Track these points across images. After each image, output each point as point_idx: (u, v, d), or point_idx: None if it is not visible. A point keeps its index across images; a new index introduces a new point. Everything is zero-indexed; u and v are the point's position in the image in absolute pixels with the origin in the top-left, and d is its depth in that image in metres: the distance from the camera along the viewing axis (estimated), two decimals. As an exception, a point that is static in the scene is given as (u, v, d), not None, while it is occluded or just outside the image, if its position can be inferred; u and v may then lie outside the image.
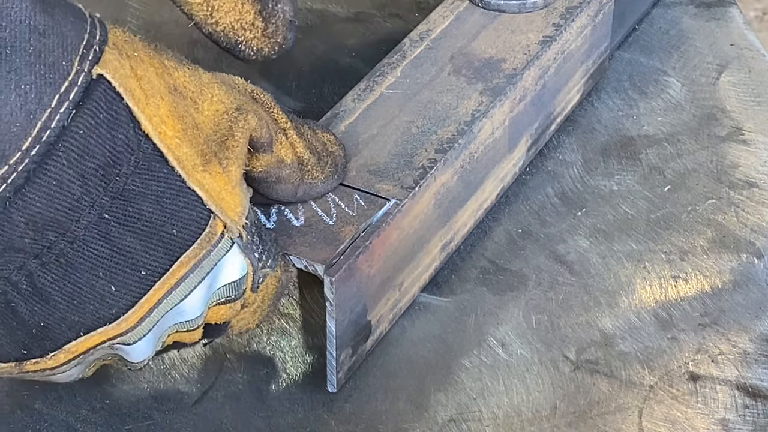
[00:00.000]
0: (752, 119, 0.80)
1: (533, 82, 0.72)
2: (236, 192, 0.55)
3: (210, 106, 0.54)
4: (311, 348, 0.66)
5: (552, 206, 0.74)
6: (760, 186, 0.75)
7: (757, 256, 0.70)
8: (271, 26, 0.60)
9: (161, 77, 0.53)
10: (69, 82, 0.49)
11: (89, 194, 0.50)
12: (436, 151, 0.66)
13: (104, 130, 0.50)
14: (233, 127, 0.55)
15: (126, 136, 0.50)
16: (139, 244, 0.52)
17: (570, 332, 0.66)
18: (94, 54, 0.50)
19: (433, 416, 0.62)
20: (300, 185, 0.61)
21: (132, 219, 0.51)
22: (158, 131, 0.51)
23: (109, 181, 0.50)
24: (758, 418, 0.62)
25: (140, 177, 0.51)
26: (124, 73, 0.50)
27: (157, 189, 0.52)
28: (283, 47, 0.62)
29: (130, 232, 0.52)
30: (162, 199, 0.52)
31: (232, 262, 0.56)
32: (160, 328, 0.55)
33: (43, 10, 0.49)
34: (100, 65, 0.50)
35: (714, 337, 0.66)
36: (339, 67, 0.85)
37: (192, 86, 0.54)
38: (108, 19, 0.52)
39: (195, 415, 0.63)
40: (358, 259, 0.59)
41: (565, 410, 0.62)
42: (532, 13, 0.75)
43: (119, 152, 0.50)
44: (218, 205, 0.54)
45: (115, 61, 0.50)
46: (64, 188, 0.49)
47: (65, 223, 0.50)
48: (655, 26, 0.88)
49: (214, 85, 0.55)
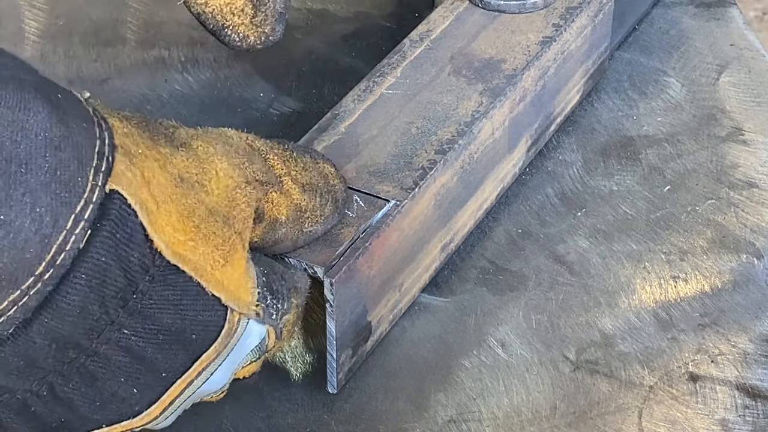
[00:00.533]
0: (752, 119, 0.80)
1: (533, 83, 0.72)
2: (249, 271, 0.53)
3: (218, 184, 0.52)
4: (311, 348, 0.66)
5: (552, 206, 0.74)
6: (760, 186, 0.75)
7: (756, 257, 0.70)
8: (260, 14, 0.60)
9: (164, 170, 0.50)
10: (84, 201, 0.46)
11: (108, 315, 0.48)
12: (436, 152, 0.66)
13: (122, 251, 0.48)
14: (247, 200, 0.53)
15: (141, 254, 0.48)
16: (159, 352, 0.51)
17: (570, 332, 0.67)
18: (107, 164, 0.47)
19: (433, 416, 0.62)
20: (300, 237, 0.59)
21: (151, 332, 0.50)
22: (172, 242, 0.49)
23: (127, 301, 0.49)
24: (758, 419, 0.62)
25: (156, 291, 0.50)
26: (137, 185, 0.48)
27: (174, 299, 0.50)
28: (270, 38, 0.61)
29: (151, 344, 0.51)
30: (179, 308, 0.51)
31: (251, 334, 0.55)
32: (184, 407, 0.56)
33: (60, 120, 0.46)
34: (113, 178, 0.47)
35: (714, 337, 0.66)
36: (339, 67, 0.85)
37: (193, 168, 0.52)
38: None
39: (195, 415, 0.62)
40: (358, 261, 0.59)
41: (565, 410, 0.62)
42: (532, 13, 0.75)
43: (135, 272, 0.49)
44: (235, 297, 0.53)
45: (127, 171, 0.48)
46: (83, 311, 0.47)
47: (85, 342, 0.49)
48: (655, 26, 0.88)
49: (214, 158, 0.53)
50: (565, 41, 0.75)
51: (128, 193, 0.47)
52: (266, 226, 0.56)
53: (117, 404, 0.51)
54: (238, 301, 0.53)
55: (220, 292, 0.52)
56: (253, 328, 0.55)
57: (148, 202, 0.48)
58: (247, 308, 0.54)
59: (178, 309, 0.51)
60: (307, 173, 0.59)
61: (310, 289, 0.60)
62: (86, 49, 0.88)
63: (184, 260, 0.50)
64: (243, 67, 0.85)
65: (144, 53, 0.87)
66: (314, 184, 0.59)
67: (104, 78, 0.85)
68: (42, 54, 0.87)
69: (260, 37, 0.60)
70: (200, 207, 0.51)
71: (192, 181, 0.51)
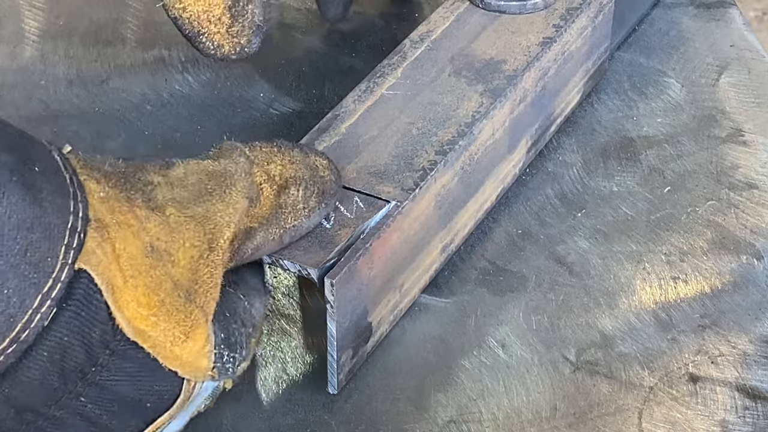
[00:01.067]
0: (752, 120, 0.80)
1: (533, 84, 0.72)
2: (209, 338, 0.53)
3: (184, 255, 0.52)
4: (311, 349, 0.66)
5: (552, 207, 0.74)
6: (760, 187, 0.75)
7: (756, 258, 0.70)
8: (237, 25, 0.59)
9: (138, 237, 0.50)
10: (53, 280, 0.47)
11: (67, 386, 0.49)
12: (437, 153, 0.66)
13: (85, 328, 0.49)
14: (212, 272, 0.53)
15: (103, 331, 0.49)
16: (114, 419, 0.52)
17: (570, 333, 0.67)
18: (78, 240, 0.47)
19: (434, 417, 0.62)
20: (283, 235, 0.58)
21: (107, 401, 0.51)
22: (135, 317, 0.50)
23: (86, 374, 0.50)
24: (758, 420, 0.62)
25: (115, 364, 0.50)
26: (106, 262, 0.49)
27: (131, 371, 0.51)
28: (245, 49, 0.61)
29: (106, 412, 0.52)
30: (136, 379, 0.52)
31: (207, 390, 0.56)
32: None
33: (33, 201, 0.46)
34: (82, 256, 0.47)
35: (714, 338, 0.66)
36: (339, 67, 0.85)
37: (163, 236, 0.51)
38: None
39: (195, 415, 0.62)
40: (358, 262, 0.59)
41: (565, 411, 0.62)
42: (532, 14, 0.75)
43: (96, 347, 0.49)
44: (194, 368, 0.53)
45: (97, 249, 0.48)
46: (43, 383, 0.48)
47: (44, 409, 0.50)
48: (655, 27, 0.88)
49: (183, 225, 0.52)
50: (566, 42, 0.75)
51: (96, 272, 0.48)
52: (239, 240, 0.55)
53: None
54: (195, 372, 0.53)
55: (178, 366, 0.52)
56: (208, 385, 0.56)
57: (115, 279, 0.49)
58: (203, 375, 0.54)
59: (135, 381, 0.52)
60: (293, 165, 0.58)
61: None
62: (86, 49, 0.88)
63: (144, 337, 0.50)
64: (243, 67, 0.85)
65: (144, 53, 0.87)
66: (298, 176, 0.58)
67: (104, 78, 0.85)
68: (42, 54, 0.87)
69: (235, 48, 0.60)
70: (167, 280, 0.51)
71: (161, 250, 0.51)
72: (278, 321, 0.67)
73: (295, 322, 0.67)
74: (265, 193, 0.57)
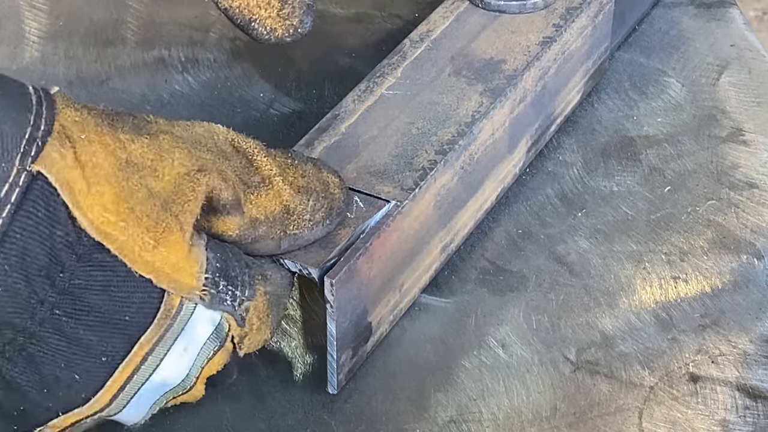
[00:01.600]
0: (752, 120, 0.80)
1: (533, 83, 0.72)
2: (193, 254, 0.54)
3: (171, 171, 0.53)
4: (311, 349, 0.66)
5: (552, 207, 0.74)
6: (760, 187, 0.75)
7: (757, 257, 0.70)
8: (287, 7, 0.60)
9: (113, 154, 0.52)
10: (9, 185, 0.48)
11: (36, 294, 0.50)
12: (437, 153, 0.66)
13: (44, 228, 0.50)
14: (194, 187, 0.54)
15: (65, 233, 0.50)
16: (93, 335, 0.52)
17: (570, 333, 0.67)
18: (36, 149, 0.49)
19: (434, 417, 0.62)
20: (283, 239, 0.58)
21: (82, 312, 0.52)
22: (99, 220, 0.51)
23: (53, 279, 0.50)
24: (758, 419, 0.62)
25: (84, 270, 0.51)
26: (63, 165, 0.50)
27: (102, 279, 0.52)
28: (298, 31, 0.61)
29: (82, 325, 0.52)
30: (109, 289, 0.52)
31: (201, 320, 0.56)
32: (145, 398, 0.56)
33: None
34: (38, 161, 0.49)
35: (714, 338, 0.66)
36: (339, 67, 0.85)
37: (151, 155, 0.53)
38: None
39: (195, 415, 0.63)
40: (358, 261, 0.59)
41: (566, 411, 0.62)
42: (532, 13, 0.75)
43: (59, 249, 0.50)
44: (172, 280, 0.53)
45: (55, 153, 0.50)
46: (10, 291, 0.49)
47: (19, 322, 0.50)
48: (655, 27, 0.88)
49: (175, 149, 0.54)
50: (566, 42, 0.75)
51: (51, 172, 0.49)
52: (243, 221, 0.56)
53: (63, 391, 0.53)
54: (176, 284, 0.53)
55: (150, 273, 0.52)
56: (203, 314, 0.55)
57: (77, 182, 0.50)
58: (188, 291, 0.54)
59: (107, 289, 0.52)
60: (305, 178, 0.59)
61: (294, 285, 0.60)
62: (86, 49, 0.88)
63: (110, 239, 0.51)
64: (243, 67, 0.85)
65: (144, 54, 0.87)
66: (310, 188, 0.59)
67: (104, 78, 0.85)
68: (42, 55, 0.87)
69: (288, 30, 0.60)
70: (141, 190, 0.52)
71: (144, 165, 0.52)
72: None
73: (295, 322, 0.68)
74: (275, 186, 0.58)
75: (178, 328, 0.55)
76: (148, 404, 0.57)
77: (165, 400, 0.58)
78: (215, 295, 0.55)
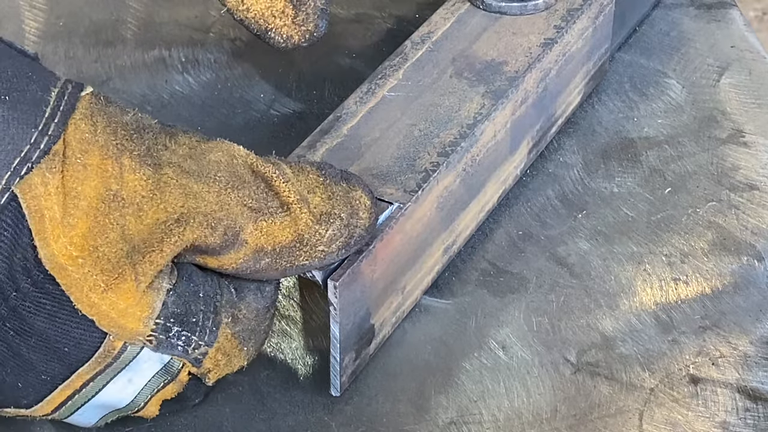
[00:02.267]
0: (753, 121, 0.80)
1: (535, 85, 0.72)
2: (145, 299, 0.53)
3: (154, 214, 0.52)
4: (312, 350, 0.66)
5: (553, 208, 0.74)
6: (761, 188, 0.75)
7: (757, 259, 0.70)
8: (301, 14, 0.60)
9: (104, 184, 0.51)
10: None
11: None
12: (439, 154, 0.66)
13: (5, 249, 0.50)
14: (164, 240, 0.53)
15: (24, 257, 0.51)
16: (35, 355, 0.53)
17: (570, 334, 0.67)
18: (26, 170, 0.50)
19: (434, 418, 0.62)
20: (288, 269, 0.57)
21: (26, 334, 0.53)
22: (62, 253, 0.51)
23: (7, 296, 0.51)
24: (759, 421, 0.62)
25: (35, 297, 0.52)
26: (41, 192, 0.50)
27: (50, 309, 0.52)
28: (314, 35, 0.62)
29: (25, 344, 0.53)
30: (55, 318, 0.52)
31: (148, 359, 0.56)
32: (90, 413, 0.57)
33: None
34: (20, 183, 0.50)
35: (714, 339, 0.66)
36: (340, 68, 0.85)
37: (144, 191, 0.52)
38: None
39: (195, 417, 0.63)
40: (361, 264, 0.59)
41: (566, 413, 0.62)
42: (533, 15, 0.75)
43: (16, 272, 0.51)
44: (116, 325, 0.53)
45: (38, 178, 0.50)
46: None
47: None
48: (656, 28, 0.88)
49: (173, 187, 0.53)
50: (566, 43, 0.75)
51: (25, 197, 0.50)
52: (243, 256, 0.55)
53: (9, 392, 0.54)
54: (119, 329, 0.53)
55: (94, 315, 0.53)
56: (150, 355, 0.56)
57: (51, 210, 0.50)
58: (131, 337, 0.54)
59: (53, 319, 0.52)
60: (330, 201, 0.57)
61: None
62: (86, 49, 0.88)
63: (63, 273, 0.51)
64: (243, 67, 0.85)
65: (144, 54, 0.87)
66: (333, 215, 0.56)
67: (104, 79, 0.85)
68: (42, 55, 0.87)
69: (304, 36, 0.61)
70: (115, 230, 0.52)
71: (132, 202, 0.52)
72: (279, 322, 0.67)
73: (296, 324, 0.68)
74: (293, 214, 0.55)
75: (120, 366, 0.55)
76: (95, 418, 0.58)
77: (114, 416, 0.58)
78: (163, 341, 0.55)
